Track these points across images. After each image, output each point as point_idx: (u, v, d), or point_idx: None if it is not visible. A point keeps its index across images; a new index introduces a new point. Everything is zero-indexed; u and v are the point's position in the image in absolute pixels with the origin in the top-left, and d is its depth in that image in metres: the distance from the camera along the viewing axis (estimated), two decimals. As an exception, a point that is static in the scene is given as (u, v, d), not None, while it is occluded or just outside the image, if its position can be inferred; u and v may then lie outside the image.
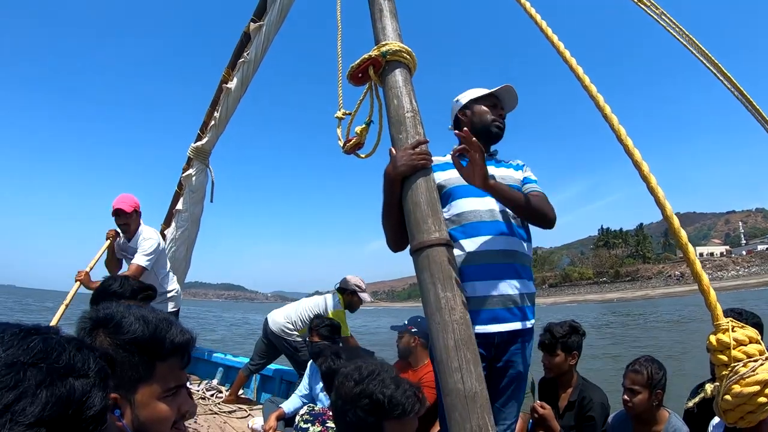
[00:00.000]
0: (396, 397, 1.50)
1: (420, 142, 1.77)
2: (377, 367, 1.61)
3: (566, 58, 1.61)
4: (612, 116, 1.46)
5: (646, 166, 1.37)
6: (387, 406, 1.49)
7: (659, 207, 1.36)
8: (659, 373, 2.54)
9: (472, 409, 1.41)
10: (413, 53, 1.92)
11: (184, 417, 1.13)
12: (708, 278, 1.27)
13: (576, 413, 2.89)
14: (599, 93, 1.51)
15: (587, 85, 1.53)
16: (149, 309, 1.13)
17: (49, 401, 0.58)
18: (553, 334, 2.98)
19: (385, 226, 1.97)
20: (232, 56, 3.73)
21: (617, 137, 1.44)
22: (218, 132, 3.99)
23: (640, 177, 1.38)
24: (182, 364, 1.11)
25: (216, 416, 4.31)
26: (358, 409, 1.51)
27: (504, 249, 2.00)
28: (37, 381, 0.59)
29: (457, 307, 1.52)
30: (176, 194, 4.41)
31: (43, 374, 0.60)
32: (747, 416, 1.23)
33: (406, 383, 1.58)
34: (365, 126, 1.97)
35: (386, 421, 1.50)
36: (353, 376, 1.58)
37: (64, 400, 0.60)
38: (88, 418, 0.62)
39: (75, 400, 0.61)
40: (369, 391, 1.51)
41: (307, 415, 2.35)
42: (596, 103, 1.51)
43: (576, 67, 1.57)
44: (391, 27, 1.95)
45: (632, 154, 1.40)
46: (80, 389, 0.62)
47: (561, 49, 1.63)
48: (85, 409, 0.62)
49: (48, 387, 0.59)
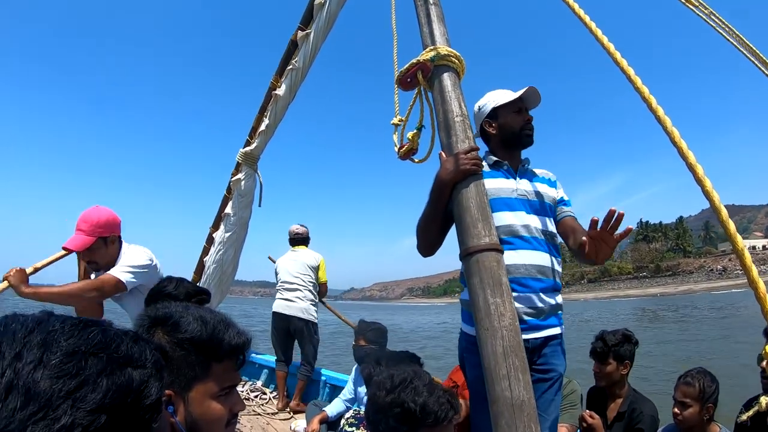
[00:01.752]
0: (428, 405, 1.49)
1: (472, 148, 1.77)
2: (410, 375, 1.60)
3: (611, 52, 1.57)
4: (658, 107, 1.42)
5: (693, 156, 1.33)
6: (419, 415, 1.48)
7: (707, 197, 1.31)
8: (712, 387, 2.47)
9: (519, 418, 1.38)
10: (462, 57, 1.91)
11: (236, 417, 1.16)
12: (763, 289, 1.21)
13: (625, 425, 2.82)
14: (644, 85, 1.47)
15: (631, 76, 1.49)
16: (207, 310, 1.17)
17: (110, 389, 0.60)
18: (606, 343, 2.92)
19: (422, 230, 1.98)
20: (280, 63, 3.79)
21: (664, 128, 1.40)
22: (267, 138, 4.05)
23: (687, 167, 1.33)
24: (237, 365, 1.14)
25: (259, 417, 4.39)
26: (390, 419, 1.51)
27: (536, 264, 2.00)
28: (97, 370, 0.60)
29: (506, 313, 1.50)
30: (225, 198, 4.50)
31: (104, 363, 0.62)
32: None
33: (440, 390, 1.57)
34: (417, 131, 1.97)
35: (420, 430, 1.49)
36: (385, 385, 1.58)
37: (124, 388, 0.61)
38: (145, 407, 0.64)
39: (134, 389, 0.63)
40: (401, 400, 1.51)
41: (353, 419, 2.36)
42: (642, 95, 1.47)
43: (620, 60, 1.54)
44: (439, 31, 1.95)
45: (679, 144, 1.36)
46: (138, 379, 0.64)
47: (606, 43, 1.59)
48: (142, 398, 0.64)
49: (108, 376, 0.61)
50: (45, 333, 0.62)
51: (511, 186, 2.10)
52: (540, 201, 2.13)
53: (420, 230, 1.99)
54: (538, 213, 2.10)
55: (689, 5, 2.28)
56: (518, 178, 2.15)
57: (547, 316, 2.01)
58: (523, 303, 1.96)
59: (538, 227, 2.06)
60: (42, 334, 0.61)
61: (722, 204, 1.26)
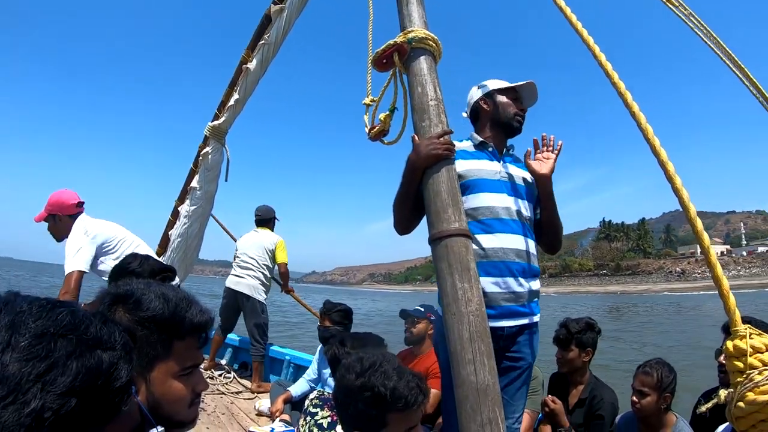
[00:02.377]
0: (399, 389, 1.49)
1: (445, 132, 1.76)
2: (379, 358, 1.59)
3: (590, 45, 1.59)
4: (633, 103, 1.45)
5: (665, 153, 1.36)
6: (389, 399, 1.48)
7: (676, 194, 1.35)
8: (669, 377, 2.54)
9: (484, 402, 1.41)
10: (439, 41, 1.90)
11: (199, 396, 1.14)
12: (726, 286, 1.26)
13: (586, 411, 2.90)
14: (620, 80, 1.49)
15: (611, 74, 1.51)
16: (170, 287, 1.13)
17: (80, 371, 0.59)
18: (569, 330, 2.98)
19: (396, 210, 1.99)
20: (253, 37, 3.72)
21: (638, 125, 1.43)
22: (236, 112, 3.99)
23: (659, 164, 1.37)
24: (199, 343, 1.12)
25: (223, 396, 4.36)
26: (360, 402, 1.51)
27: (516, 248, 2.02)
28: (67, 352, 0.59)
29: (473, 298, 1.52)
30: (191, 172, 4.42)
31: (73, 345, 0.61)
32: (759, 425, 1.22)
33: (409, 374, 1.57)
34: (389, 113, 1.95)
35: (389, 414, 1.49)
36: (355, 369, 1.57)
37: (94, 370, 0.61)
38: (115, 390, 0.64)
39: (103, 372, 0.62)
40: (371, 384, 1.50)
41: (317, 400, 2.36)
42: (618, 90, 1.49)
43: (599, 54, 1.56)
44: (417, 14, 1.93)
45: (653, 141, 1.39)
46: (108, 361, 0.63)
47: (591, 43, 1.60)
48: (112, 381, 0.63)
49: (78, 358, 0.60)
50: (13, 314, 0.60)
51: (494, 168, 2.11)
52: (522, 186, 2.14)
53: (394, 208, 2.00)
54: (520, 197, 2.11)
55: (669, 4, 2.31)
56: (502, 161, 2.16)
57: (525, 301, 2.03)
58: (501, 287, 1.98)
59: (519, 210, 2.07)
60: (9, 316, 0.60)
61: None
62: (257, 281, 5.14)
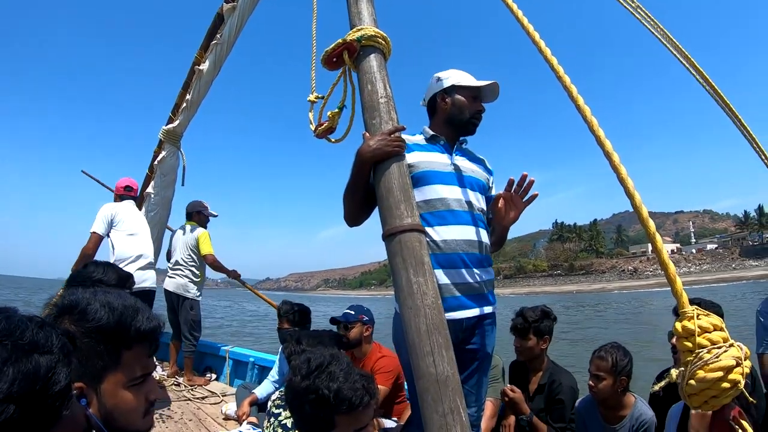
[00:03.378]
0: (343, 391, 1.50)
1: (396, 129, 1.78)
2: (327, 359, 1.59)
3: (541, 48, 1.63)
4: (586, 107, 1.49)
5: (617, 156, 1.41)
6: (333, 401, 1.49)
7: (629, 197, 1.39)
8: (624, 360, 2.60)
9: (444, 393, 1.42)
10: (388, 39, 1.91)
11: (153, 405, 1.12)
12: (673, 270, 1.31)
13: (546, 396, 2.96)
14: (573, 84, 1.53)
15: (561, 76, 1.56)
16: (116, 295, 1.10)
17: (17, 378, 0.58)
18: (526, 318, 3.04)
19: (345, 202, 1.98)
20: (205, 38, 3.66)
21: (590, 129, 1.47)
22: (190, 114, 3.92)
23: (611, 167, 1.41)
24: (149, 351, 1.10)
25: (189, 403, 4.30)
26: (306, 405, 1.52)
27: (469, 239, 2.03)
28: (2, 358, 0.59)
29: (429, 291, 1.54)
30: (147, 177, 4.33)
31: (8, 351, 0.60)
32: (711, 401, 1.27)
33: (356, 374, 1.57)
34: (338, 111, 1.95)
35: (336, 416, 1.50)
36: (301, 370, 1.57)
37: (31, 376, 0.60)
38: (54, 394, 0.63)
39: (41, 376, 0.62)
40: (315, 386, 1.51)
41: (279, 400, 2.35)
42: (570, 94, 1.53)
43: (545, 48, 1.60)
44: (367, 12, 1.94)
45: (605, 145, 1.43)
46: (45, 365, 0.63)
47: (536, 38, 1.64)
48: (51, 385, 0.63)
49: (14, 363, 0.59)
50: None
51: (445, 161, 2.11)
52: (473, 178, 2.15)
53: (344, 201, 1.98)
54: (472, 189, 2.12)
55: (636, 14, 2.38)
56: (453, 155, 2.16)
57: (480, 291, 2.04)
58: (456, 278, 1.98)
59: (470, 202, 2.08)
60: None
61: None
62: (186, 279, 5.15)
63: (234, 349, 5.28)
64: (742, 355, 1.24)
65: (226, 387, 4.82)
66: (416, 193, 1.99)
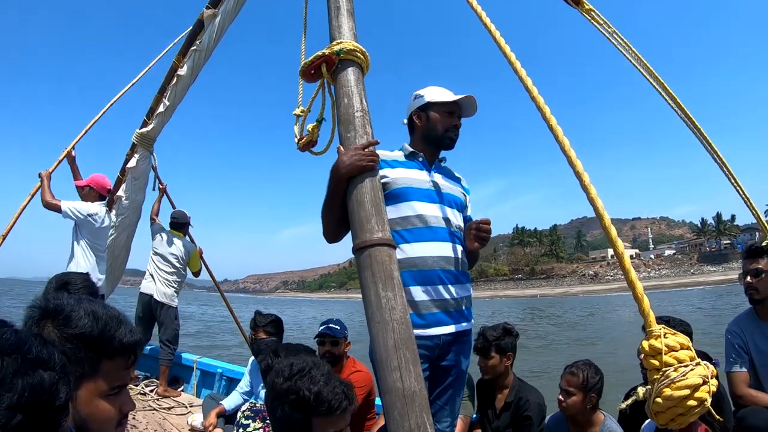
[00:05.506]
0: (323, 394, 1.53)
1: (370, 143, 1.79)
2: (309, 364, 1.62)
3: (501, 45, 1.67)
4: (551, 117, 1.53)
5: (581, 164, 1.45)
6: (313, 403, 1.52)
7: (592, 204, 1.43)
8: (595, 378, 2.63)
9: (411, 408, 1.42)
10: (367, 53, 1.93)
11: (126, 417, 1.13)
12: (640, 289, 1.34)
13: (512, 413, 2.98)
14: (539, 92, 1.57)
15: (529, 86, 1.60)
16: (101, 304, 1.11)
17: (25, 389, 0.62)
18: (486, 338, 3.07)
19: (323, 219, 1.97)
20: (184, 43, 3.62)
21: (555, 137, 1.51)
22: (164, 119, 3.86)
23: (575, 174, 1.45)
24: (128, 364, 1.10)
25: (155, 413, 4.20)
26: (286, 405, 1.54)
27: (446, 255, 2.05)
28: (13, 370, 0.62)
29: (397, 306, 1.54)
30: (118, 180, 4.26)
31: (18, 364, 0.64)
32: (677, 418, 1.30)
33: (337, 380, 1.61)
34: (317, 123, 1.96)
35: (314, 418, 1.53)
36: (284, 373, 1.60)
37: (38, 389, 0.64)
38: (56, 408, 0.67)
39: (46, 391, 0.65)
40: (296, 388, 1.54)
41: (249, 411, 2.33)
42: (537, 104, 1.57)
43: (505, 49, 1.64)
44: (347, 26, 1.95)
45: (569, 153, 1.47)
46: (49, 381, 0.66)
47: (503, 45, 1.68)
48: (54, 399, 0.66)
49: (23, 376, 0.63)
50: None
51: (424, 177, 2.13)
52: (451, 195, 2.18)
53: (322, 218, 1.98)
54: (449, 206, 2.15)
55: (594, 22, 2.45)
56: (432, 172, 2.19)
57: (456, 308, 2.05)
58: (433, 295, 1.99)
59: (449, 218, 2.11)
60: None
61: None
62: (172, 289, 5.19)
63: (202, 359, 5.24)
64: (708, 374, 1.28)
65: (192, 398, 4.75)
66: (394, 209, 2.02)
